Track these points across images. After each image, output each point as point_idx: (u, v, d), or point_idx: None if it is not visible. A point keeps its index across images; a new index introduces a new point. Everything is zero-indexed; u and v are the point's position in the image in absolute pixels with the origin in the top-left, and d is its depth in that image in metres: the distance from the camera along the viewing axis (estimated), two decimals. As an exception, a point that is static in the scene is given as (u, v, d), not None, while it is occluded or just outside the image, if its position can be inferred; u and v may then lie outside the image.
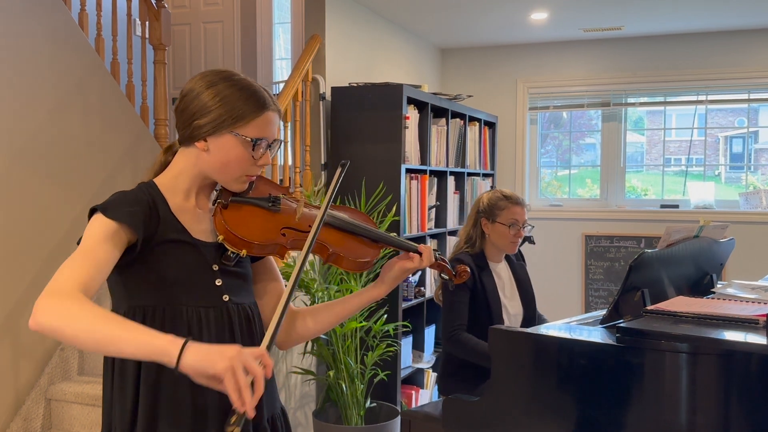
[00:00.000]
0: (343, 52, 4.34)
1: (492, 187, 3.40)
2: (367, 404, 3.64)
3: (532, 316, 2.99)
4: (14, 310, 3.21)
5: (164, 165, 1.50)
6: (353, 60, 4.47)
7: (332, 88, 4.13)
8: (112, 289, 1.44)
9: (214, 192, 1.51)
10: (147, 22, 4.13)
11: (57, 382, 3.36)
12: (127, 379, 1.40)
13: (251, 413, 1.14)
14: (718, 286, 2.42)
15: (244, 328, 1.47)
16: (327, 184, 4.12)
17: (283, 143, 3.78)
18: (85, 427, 3.26)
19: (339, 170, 1.57)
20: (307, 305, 2.38)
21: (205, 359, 1.14)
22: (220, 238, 1.42)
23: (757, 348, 1.71)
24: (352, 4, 4.44)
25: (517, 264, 3.06)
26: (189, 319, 1.40)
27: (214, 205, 1.48)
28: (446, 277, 1.73)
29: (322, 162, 4.11)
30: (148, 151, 4.02)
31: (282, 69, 5.56)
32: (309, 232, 1.46)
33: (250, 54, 5.44)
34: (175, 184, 1.46)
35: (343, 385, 3.53)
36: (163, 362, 1.17)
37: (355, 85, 4.12)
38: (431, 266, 1.66)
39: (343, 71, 4.32)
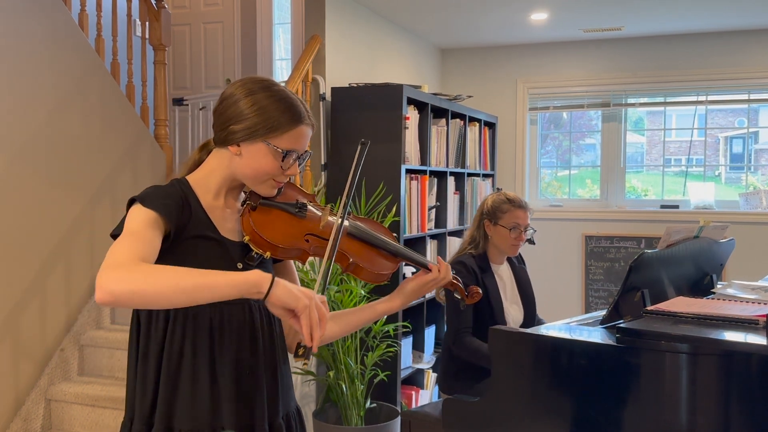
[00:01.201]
0: (343, 52, 4.34)
1: (498, 188, 3.40)
2: (367, 405, 3.64)
3: (531, 318, 3.00)
4: (14, 310, 3.21)
5: (198, 162, 1.54)
6: (353, 60, 4.47)
7: (332, 88, 4.13)
8: None
9: (243, 193, 1.55)
10: (147, 23, 4.13)
11: (57, 383, 3.36)
12: (149, 369, 1.44)
13: (315, 348, 1.32)
14: (718, 286, 2.42)
15: (265, 327, 1.50)
16: (327, 185, 4.12)
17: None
18: (85, 428, 3.26)
19: (360, 148, 1.61)
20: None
21: (290, 295, 1.28)
22: (246, 238, 1.46)
23: (757, 348, 1.71)
24: (352, 4, 4.44)
25: (518, 266, 3.08)
26: (211, 315, 1.43)
27: (242, 206, 1.52)
28: (459, 296, 1.75)
29: (322, 162, 4.11)
30: (148, 151, 4.02)
31: (282, 69, 5.56)
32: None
33: (250, 54, 5.44)
34: (207, 183, 1.50)
35: (343, 386, 3.53)
36: (253, 294, 1.27)
37: (355, 85, 4.12)
38: (445, 285, 1.70)
39: (343, 71, 4.32)
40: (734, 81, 5.25)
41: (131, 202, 1.41)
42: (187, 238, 1.42)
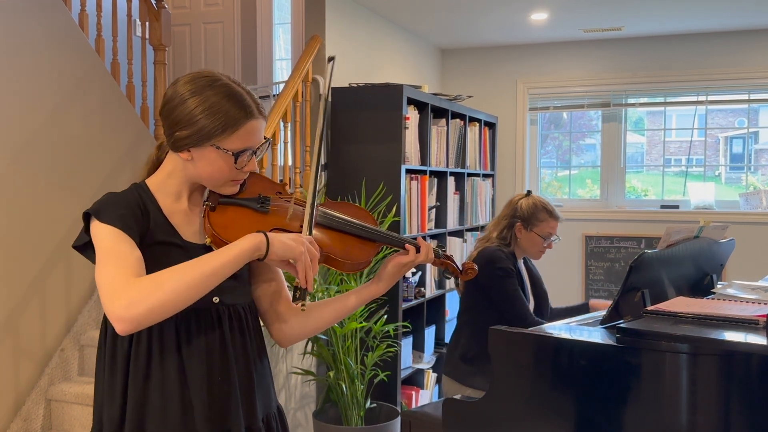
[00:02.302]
0: (343, 52, 4.33)
1: (528, 191, 3.43)
2: (367, 405, 3.64)
3: (544, 311, 3.12)
4: (14, 310, 3.21)
5: (156, 163, 1.50)
6: (353, 60, 4.47)
7: (332, 88, 4.13)
8: None
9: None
10: (147, 23, 4.13)
11: (57, 383, 3.36)
12: (116, 378, 1.40)
13: (311, 288, 1.40)
14: (718, 286, 2.42)
15: (235, 330, 1.46)
16: (327, 185, 4.12)
17: (281, 143, 3.78)
18: (85, 428, 3.26)
19: (330, 65, 1.57)
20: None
21: (287, 247, 1.35)
22: (208, 240, 1.42)
23: (758, 348, 1.71)
24: (352, 4, 4.44)
25: (531, 266, 3.20)
26: (177, 323, 1.39)
27: (203, 206, 1.47)
28: (451, 275, 1.68)
29: (322, 162, 4.11)
30: (148, 152, 3.99)
31: (282, 69, 5.56)
32: (299, 232, 1.44)
33: (250, 54, 5.44)
34: (166, 187, 1.45)
35: (343, 386, 3.53)
36: (255, 257, 1.33)
37: (355, 85, 4.12)
38: (435, 263, 1.63)
39: (343, 72, 4.32)
40: (734, 81, 5.25)
41: (86, 215, 1.37)
42: (147, 245, 1.37)
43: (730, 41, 5.21)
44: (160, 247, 1.39)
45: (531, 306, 3.04)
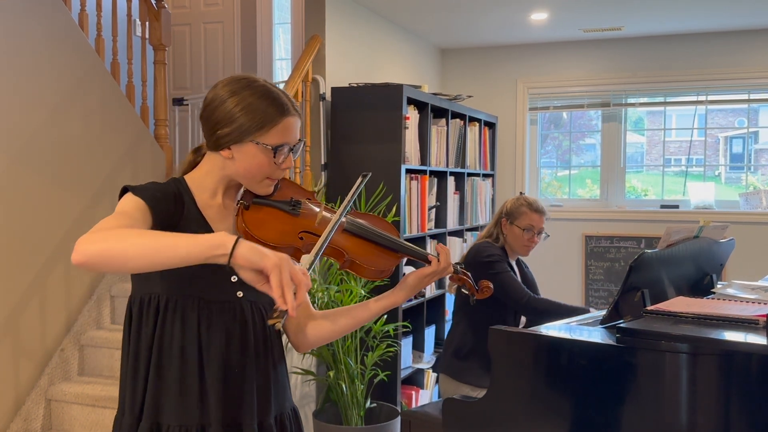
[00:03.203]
0: (343, 52, 4.34)
1: (521, 192, 3.55)
2: (367, 404, 3.64)
3: None
4: (14, 310, 3.21)
5: (193, 164, 1.56)
6: (353, 60, 4.47)
7: (332, 88, 4.13)
8: (132, 275, 1.48)
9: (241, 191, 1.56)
10: (147, 23, 4.13)
11: (57, 383, 3.36)
12: (139, 364, 1.45)
13: (292, 312, 1.21)
14: (718, 286, 2.42)
15: (258, 326, 1.50)
16: (327, 185, 4.12)
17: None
18: (85, 428, 3.26)
19: (359, 180, 1.60)
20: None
21: (257, 252, 1.22)
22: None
23: (757, 348, 1.71)
24: (352, 4, 4.44)
25: (525, 269, 3.25)
26: (200, 311, 1.44)
27: (237, 205, 1.52)
28: (467, 291, 1.71)
29: (322, 162, 4.11)
30: (148, 152, 4.02)
31: (282, 69, 5.56)
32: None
33: (250, 54, 5.44)
34: (203, 183, 1.51)
35: (343, 386, 3.53)
36: (217, 256, 1.21)
37: (355, 85, 4.12)
38: (452, 279, 1.68)
39: (343, 71, 4.32)
40: (734, 81, 5.25)
41: (124, 191, 1.42)
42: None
43: (730, 41, 5.21)
44: None
45: None
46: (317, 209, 1.56)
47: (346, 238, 1.55)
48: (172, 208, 1.43)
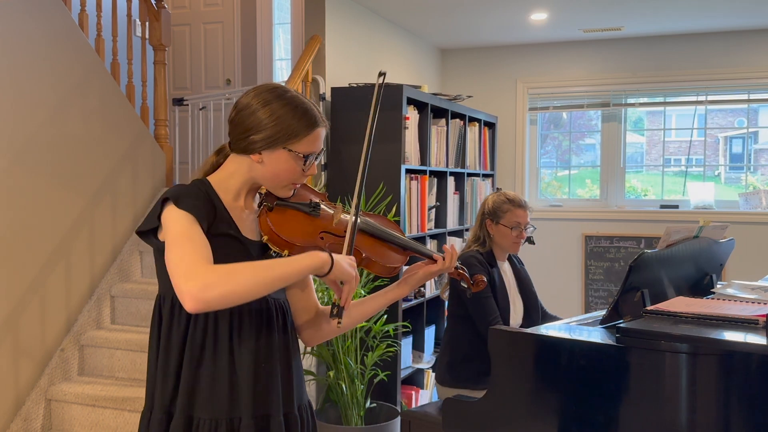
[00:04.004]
0: (343, 52, 4.34)
1: (498, 188, 3.47)
2: (367, 404, 3.64)
3: (535, 312, 3.10)
4: (14, 309, 3.21)
5: (215, 165, 1.61)
6: (353, 60, 4.47)
7: (332, 88, 4.13)
8: (161, 275, 1.51)
9: (258, 195, 1.63)
10: (147, 23, 4.14)
11: (57, 383, 3.36)
12: (170, 360, 1.50)
13: (348, 308, 1.53)
14: (718, 286, 2.42)
15: (279, 321, 1.57)
16: (327, 185, 4.12)
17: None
18: (85, 428, 3.26)
19: (379, 80, 1.68)
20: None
21: (345, 272, 1.48)
22: (265, 238, 1.54)
23: (757, 348, 1.71)
24: (352, 4, 4.45)
25: (518, 266, 3.18)
26: (232, 311, 1.49)
27: (259, 207, 1.60)
28: (465, 285, 1.82)
29: (322, 162, 4.12)
30: (148, 152, 4.02)
31: (282, 69, 5.56)
32: (344, 236, 1.58)
33: (250, 54, 5.44)
34: (227, 185, 1.56)
35: (343, 386, 3.53)
36: (317, 273, 1.45)
37: (355, 85, 4.12)
38: (451, 275, 1.78)
39: (343, 71, 4.32)
40: (734, 81, 5.25)
41: (164, 201, 1.47)
42: (212, 236, 1.47)
43: (730, 41, 5.21)
44: (223, 238, 1.49)
45: (520, 307, 3.05)
46: (332, 211, 1.65)
47: (362, 238, 1.64)
48: (209, 214, 1.48)
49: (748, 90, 5.31)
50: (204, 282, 1.31)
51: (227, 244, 1.50)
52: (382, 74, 1.69)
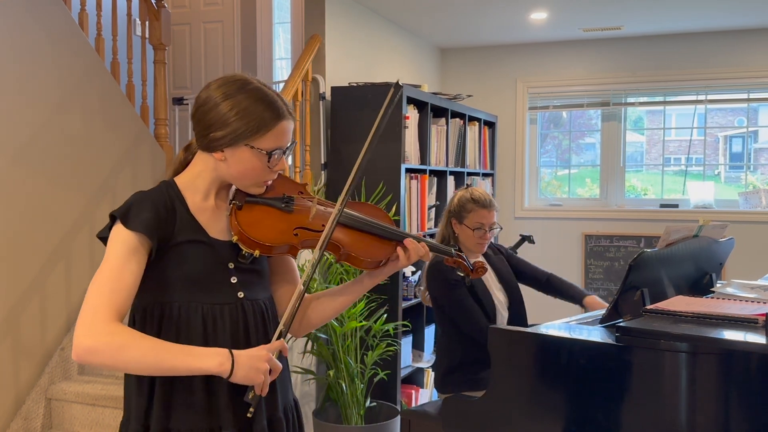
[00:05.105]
0: (343, 51, 4.34)
1: (467, 185, 3.42)
2: (367, 404, 3.64)
3: (519, 303, 3.02)
4: (14, 309, 3.21)
5: (184, 163, 1.54)
6: (353, 60, 4.47)
7: (332, 87, 4.13)
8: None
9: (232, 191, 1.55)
10: (147, 22, 4.13)
11: (57, 382, 3.36)
12: None
13: (264, 393, 1.42)
14: (718, 285, 2.42)
15: (258, 323, 1.50)
16: (327, 184, 4.12)
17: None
18: (86, 427, 3.27)
19: (392, 91, 1.56)
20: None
21: (248, 375, 1.36)
22: (234, 238, 1.47)
23: (757, 347, 1.71)
24: (352, 4, 4.45)
25: (493, 257, 3.07)
26: (204, 316, 1.44)
27: (230, 205, 1.52)
28: (463, 273, 1.73)
29: (322, 162, 4.12)
30: (148, 151, 4.02)
31: (282, 69, 5.56)
32: (321, 231, 1.50)
33: (250, 54, 5.44)
34: (195, 185, 1.50)
35: (343, 385, 3.53)
36: (219, 375, 1.36)
37: (355, 84, 4.12)
38: (448, 262, 1.70)
39: (343, 71, 4.32)
40: (734, 80, 5.26)
41: (113, 218, 1.41)
42: (174, 244, 1.42)
43: (730, 41, 5.21)
44: (186, 245, 1.44)
45: (504, 301, 2.97)
46: (309, 203, 1.57)
47: (341, 231, 1.54)
48: (164, 224, 1.42)
49: (747, 89, 5.31)
50: (93, 345, 1.29)
51: (193, 250, 1.44)
52: (398, 87, 1.57)
